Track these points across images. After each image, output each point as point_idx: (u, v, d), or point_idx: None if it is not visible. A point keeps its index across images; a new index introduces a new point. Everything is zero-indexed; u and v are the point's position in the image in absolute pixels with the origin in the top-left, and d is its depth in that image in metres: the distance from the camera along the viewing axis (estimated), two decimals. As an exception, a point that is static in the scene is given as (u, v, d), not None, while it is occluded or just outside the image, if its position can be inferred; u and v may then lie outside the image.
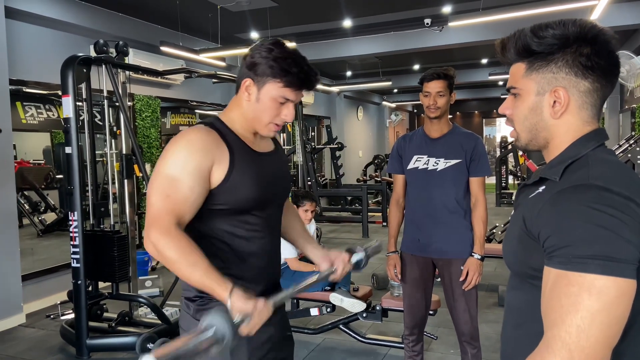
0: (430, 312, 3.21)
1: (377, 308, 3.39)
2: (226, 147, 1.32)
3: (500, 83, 12.34)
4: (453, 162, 2.36)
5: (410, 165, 2.44)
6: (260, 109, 1.34)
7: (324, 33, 7.06)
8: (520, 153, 10.85)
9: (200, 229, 1.34)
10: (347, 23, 6.68)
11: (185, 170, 1.25)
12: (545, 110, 0.97)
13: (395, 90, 14.40)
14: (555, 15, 4.62)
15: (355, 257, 1.56)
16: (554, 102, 0.95)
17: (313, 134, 11.65)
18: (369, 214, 8.11)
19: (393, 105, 15.93)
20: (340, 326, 3.52)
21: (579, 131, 0.96)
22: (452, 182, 2.37)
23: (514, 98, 1.02)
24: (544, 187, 0.95)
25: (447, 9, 6.12)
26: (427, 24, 6.60)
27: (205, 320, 1.08)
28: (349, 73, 10.49)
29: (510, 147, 11.61)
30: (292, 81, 1.31)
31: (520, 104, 1.00)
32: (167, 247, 1.20)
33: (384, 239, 2.33)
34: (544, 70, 0.95)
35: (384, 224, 8.17)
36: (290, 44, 1.39)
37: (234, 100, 1.41)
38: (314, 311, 3.56)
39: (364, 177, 12.10)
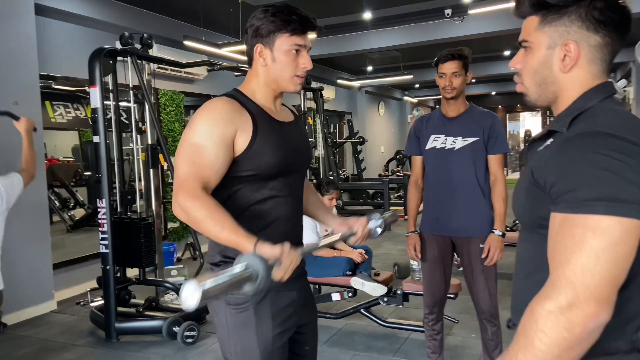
0: (451, 295, 3.23)
1: (398, 292, 3.41)
2: (249, 115, 1.37)
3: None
4: (470, 140, 2.38)
5: (428, 145, 2.46)
6: (279, 66, 1.39)
7: (344, 26, 7.09)
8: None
9: (226, 195, 1.39)
10: (367, 15, 6.70)
11: (210, 138, 1.30)
12: (555, 64, 0.98)
13: (417, 86, 14.33)
14: None
15: (372, 223, 1.60)
16: (565, 55, 0.96)
17: (335, 130, 11.68)
18: (391, 207, 8.11)
19: (415, 100, 15.85)
20: (362, 310, 3.55)
21: (588, 85, 0.97)
22: (471, 160, 2.38)
23: (525, 52, 1.02)
24: (552, 139, 0.97)
25: (467, -1, 6.09)
26: (448, 14, 6.56)
27: (241, 259, 1.11)
28: (369, 68, 10.48)
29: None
30: (296, 27, 1.37)
31: (530, 57, 1.01)
32: (194, 208, 1.24)
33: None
34: (556, 23, 0.96)
35: (406, 217, 8.17)
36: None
37: (250, 73, 1.46)
38: (336, 296, 3.60)
39: (386, 173, 12.07)
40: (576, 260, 0.80)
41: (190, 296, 0.99)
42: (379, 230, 1.61)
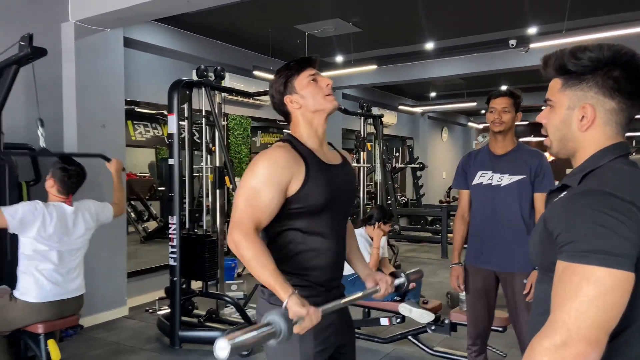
0: (499, 328, 3.25)
1: (446, 322, 3.47)
2: (302, 161, 1.57)
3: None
4: (517, 178, 2.45)
5: (475, 181, 2.56)
6: (309, 97, 1.62)
7: (406, 56, 7.24)
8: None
9: (277, 228, 1.59)
10: (430, 45, 6.82)
11: (267, 184, 1.50)
12: (574, 124, 1.09)
13: (483, 111, 14.12)
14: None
15: (397, 281, 1.77)
16: (582, 117, 1.07)
17: (397, 154, 11.76)
18: (449, 235, 8.05)
19: (480, 126, 15.59)
20: (410, 337, 3.62)
21: (602, 144, 1.08)
22: (517, 197, 2.45)
23: (550, 109, 1.15)
24: (565, 192, 1.08)
25: (532, 30, 6.08)
26: (512, 44, 6.52)
27: (268, 317, 1.31)
28: (433, 94, 10.53)
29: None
30: (299, 67, 1.63)
31: (553, 115, 1.13)
32: (245, 247, 1.46)
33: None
34: (576, 87, 1.08)
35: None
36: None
37: (292, 125, 1.67)
38: (384, 321, 3.70)
39: (447, 199, 11.94)
40: (571, 305, 0.91)
41: (222, 350, 1.19)
42: (402, 287, 1.78)
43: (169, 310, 4.05)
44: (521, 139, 2.61)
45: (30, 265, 2.68)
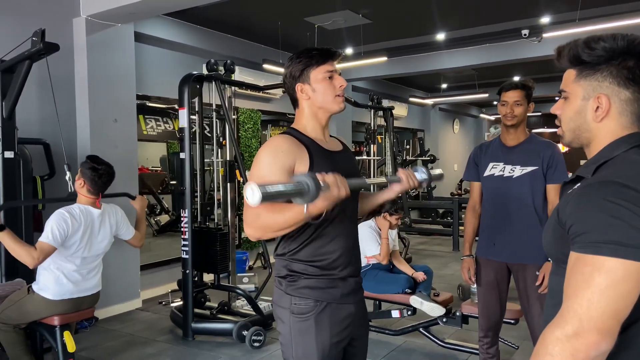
0: (511, 321, 3.24)
1: (457, 314, 3.47)
2: (304, 147, 1.59)
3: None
4: (529, 169, 2.43)
5: (487, 173, 2.55)
6: (320, 93, 1.62)
7: (417, 47, 7.19)
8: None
9: None
10: (441, 36, 6.76)
11: (271, 168, 1.52)
12: (589, 114, 1.08)
13: (495, 103, 14.00)
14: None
15: (418, 175, 1.74)
16: (597, 107, 1.07)
17: (408, 146, 11.71)
18: (460, 227, 8.02)
19: (492, 118, 15.45)
20: (421, 329, 3.63)
21: (617, 135, 1.07)
22: (529, 189, 2.43)
23: (564, 100, 1.14)
24: (579, 184, 1.07)
25: (545, 20, 6.00)
26: (525, 34, 6.46)
27: (298, 177, 1.34)
28: (444, 85, 10.45)
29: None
30: (320, 58, 1.61)
31: (567, 106, 1.13)
32: (261, 218, 1.47)
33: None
34: (590, 77, 1.07)
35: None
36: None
37: (298, 112, 1.68)
38: (395, 313, 3.71)
39: (459, 191, 11.88)
40: (583, 295, 0.90)
41: (253, 195, 1.23)
42: (425, 179, 1.74)
43: (181, 303, 4.09)
44: (534, 130, 2.58)
45: (52, 263, 2.70)
